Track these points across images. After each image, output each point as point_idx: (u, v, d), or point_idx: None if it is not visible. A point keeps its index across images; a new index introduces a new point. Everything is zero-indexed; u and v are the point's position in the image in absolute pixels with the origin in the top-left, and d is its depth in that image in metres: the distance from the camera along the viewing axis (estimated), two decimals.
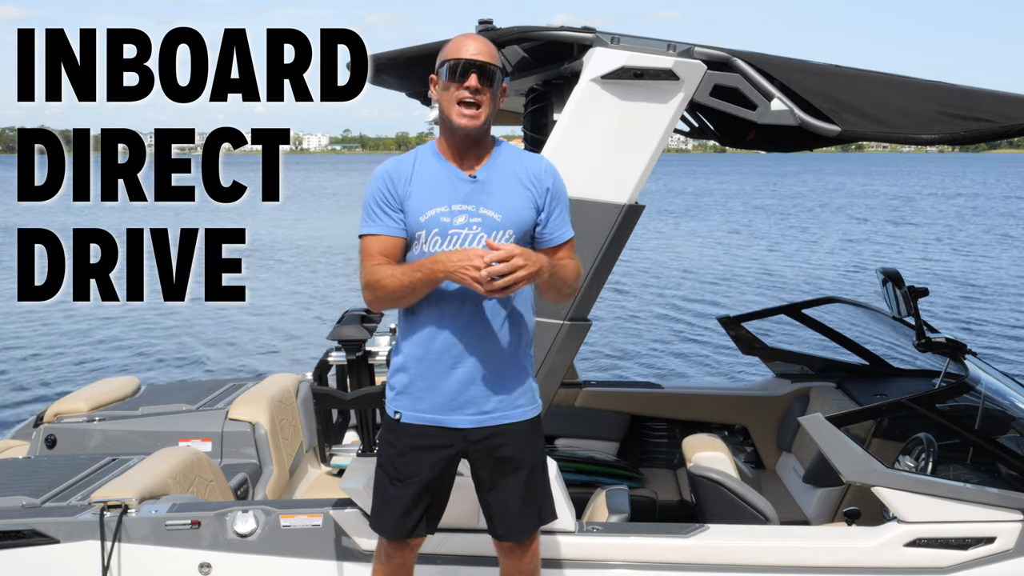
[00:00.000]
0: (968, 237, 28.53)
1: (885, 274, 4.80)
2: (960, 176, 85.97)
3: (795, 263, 22.10)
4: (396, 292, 2.87)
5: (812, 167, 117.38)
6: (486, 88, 2.88)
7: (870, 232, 30.39)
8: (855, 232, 30.38)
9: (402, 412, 3.05)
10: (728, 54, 3.46)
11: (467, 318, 2.94)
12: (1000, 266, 21.57)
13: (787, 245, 26.23)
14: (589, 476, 5.15)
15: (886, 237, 28.70)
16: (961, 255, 23.74)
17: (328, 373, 3.75)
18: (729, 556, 3.64)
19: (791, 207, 43.11)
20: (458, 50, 2.90)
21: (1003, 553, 3.61)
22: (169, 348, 12.92)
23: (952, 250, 24.93)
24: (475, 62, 2.87)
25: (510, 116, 4.95)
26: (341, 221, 35.31)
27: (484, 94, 2.88)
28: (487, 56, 2.90)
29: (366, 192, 3.01)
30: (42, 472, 4.12)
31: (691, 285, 18.53)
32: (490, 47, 2.94)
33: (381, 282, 2.88)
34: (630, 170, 3.51)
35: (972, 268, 21.11)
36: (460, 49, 2.90)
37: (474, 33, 3.06)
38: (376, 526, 3.17)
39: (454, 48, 2.91)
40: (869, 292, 16.41)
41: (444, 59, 2.92)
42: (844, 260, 22.69)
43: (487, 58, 2.90)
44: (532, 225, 2.99)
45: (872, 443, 4.83)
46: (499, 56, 2.98)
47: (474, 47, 2.90)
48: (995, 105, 3.41)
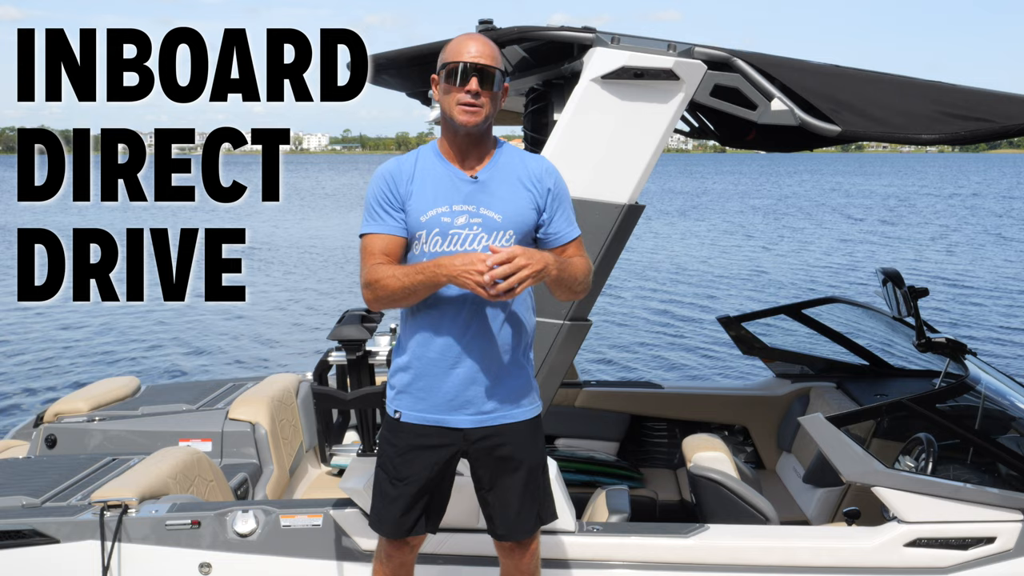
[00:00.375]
0: (963, 237, 28.53)
1: (885, 274, 4.81)
2: (959, 175, 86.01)
3: (795, 263, 22.10)
4: (396, 293, 2.87)
5: (812, 167, 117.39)
6: (487, 91, 2.88)
7: (870, 232, 30.39)
8: (854, 232, 30.38)
9: (402, 411, 3.05)
10: (728, 54, 3.46)
11: (467, 318, 2.95)
12: (996, 266, 21.58)
13: (786, 245, 26.24)
14: (589, 476, 5.15)
15: (885, 237, 28.70)
16: (958, 254, 23.74)
17: (328, 373, 3.75)
18: (729, 556, 3.64)
19: (791, 207, 43.12)
20: (459, 52, 2.89)
21: (1003, 553, 3.61)
22: (169, 348, 12.92)
23: (947, 251, 24.93)
24: (476, 65, 2.87)
25: (510, 116, 4.96)
26: (340, 221, 35.33)
27: (485, 96, 2.88)
28: (488, 58, 2.89)
29: (368, 192, 3.01)
30: (42, 472, 4.12)
31: (691, 285, 18.53)
32: (491, 48, 2.93)
33: (382, 282, 2.87)
34: (630, 170, 3.51)
35: (972, 268, 21.12)
36: (461, 51, 2.89)
37: (475, 33, 3.05)
38: (376, 525, 3.17)
39: (455, 50, 2.91)
40: (869, 292, 16.42)
41: (445, 61, 2.91)
42: (844, 260, 22.69)
43: (488, 60, 2.89)
44: (534, 226, 2.99)
45: (872, 443, 4.83)
46: (500, 56, 2.98)
47: (475, 49, 2.89)
48: (995, 105, 3.41)
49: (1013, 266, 21.58)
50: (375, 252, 2.95)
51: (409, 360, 3.02)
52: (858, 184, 69.02)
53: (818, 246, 25.98)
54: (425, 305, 2.95)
